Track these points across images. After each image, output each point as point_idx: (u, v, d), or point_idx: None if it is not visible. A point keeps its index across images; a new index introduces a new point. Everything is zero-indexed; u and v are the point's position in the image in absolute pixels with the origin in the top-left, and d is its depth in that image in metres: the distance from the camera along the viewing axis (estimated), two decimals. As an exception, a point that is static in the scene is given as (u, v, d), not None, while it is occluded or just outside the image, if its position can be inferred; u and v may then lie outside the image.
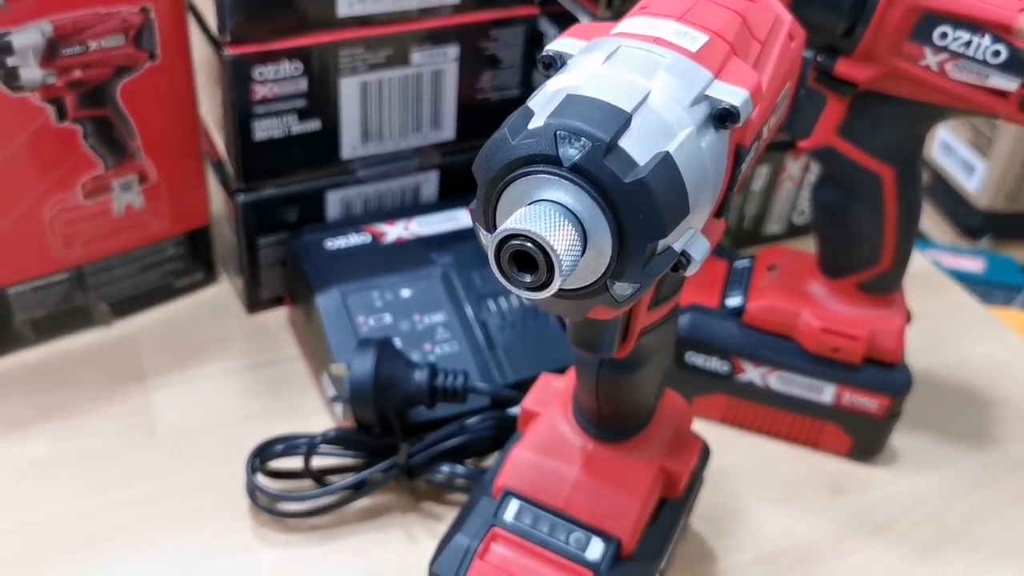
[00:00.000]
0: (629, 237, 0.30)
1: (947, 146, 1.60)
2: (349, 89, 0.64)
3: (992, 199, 1.52)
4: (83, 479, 0.57)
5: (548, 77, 0.34)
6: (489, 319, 0.62)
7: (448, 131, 0.70)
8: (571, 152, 0.30)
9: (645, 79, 0.32)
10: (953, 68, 0.50)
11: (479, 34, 0.67)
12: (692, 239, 0.33)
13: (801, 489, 0.61)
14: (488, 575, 0.46)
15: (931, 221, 1.63)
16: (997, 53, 0.49)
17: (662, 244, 0.31)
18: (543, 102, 0.32)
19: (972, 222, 1.55)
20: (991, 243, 1.54)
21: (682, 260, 0.33)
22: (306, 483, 0.56)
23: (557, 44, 0.35)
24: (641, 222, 0.30)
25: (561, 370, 0.54)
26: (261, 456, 0.55)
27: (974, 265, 1.43)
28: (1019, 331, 0.80)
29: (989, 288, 1.41)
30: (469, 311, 0.62)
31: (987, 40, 0.49)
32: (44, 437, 0.59)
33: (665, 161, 0.30)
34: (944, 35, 0.49)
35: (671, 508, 0.50)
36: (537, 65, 0.35)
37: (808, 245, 0.62)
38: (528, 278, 0.30)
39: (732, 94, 0.33)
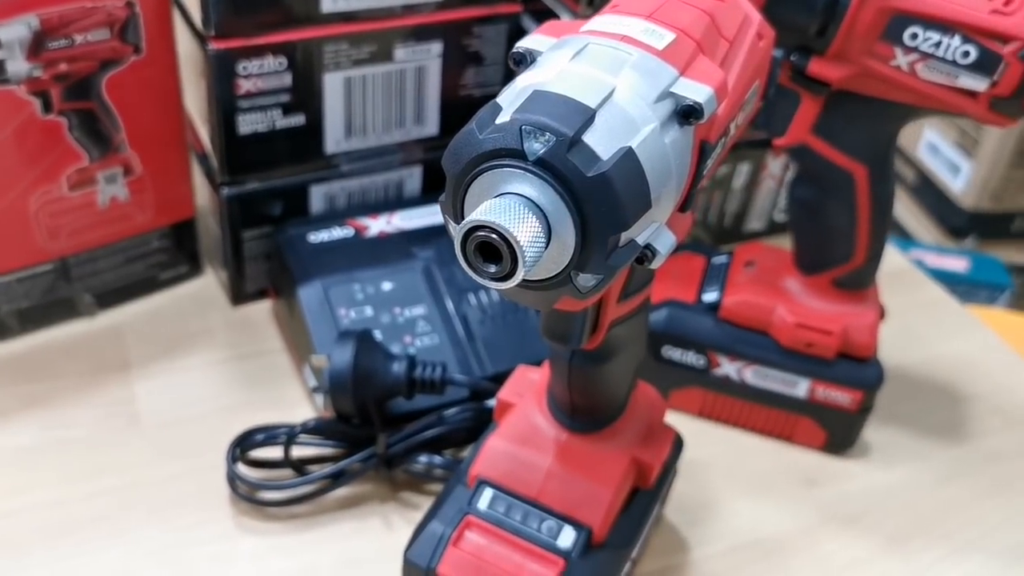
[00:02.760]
0: (591, 229, 0.31)
1: (933, 146, 1.61)
2: (333, 84, 0.64)
3: (977, 199, 1.53)
4: (66, 467, 0.58)
5: (518, 73, 0.35)
6: (469, 312, 0.63)
7: (431, 127, 0.70)
8: (536, 146, 0.31)
9: (611, 76, 0.33)
10: (923, 68, 0.51)
11: (462, 31, 0.67)
12: (656, 232, 0.34)
13: (775, 481, 0.62)
14: (462, 562, 0.46)
15: (916, 221, 1.64)
16: (967, 54, 0.50)
17: (625, 237, 0.32)
18: (511, 98, 0.33)
19: (957, 222, 1.56)
20: (976, 243, 1.55)
21: (647, 253, 0.34)
22: (286, 472, 0.57)
23: (527, 41, 0.36)
24: (603, 215, 0.31)
25: (539, 363, 0.55)
26: (241, 446, 0.56)
27: (958, 265, 1.44)
28: (1001, 330, 0.81)
29: (973, 287, 1.42)
30: (449, 304, 0.63)
31: (956, 41, 0.50)
32: (28, 426, 0.60)
33: (628, 156, 0.31)
34: (915, 36, 0.50)
35: (643, 498, 0.51)
36: (508, 62, 0.36)
37: (788, 243, 0.63)
38: (493, 268, 0.31)
39: (696, 91, 0.34)
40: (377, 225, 0.67)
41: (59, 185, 0.62)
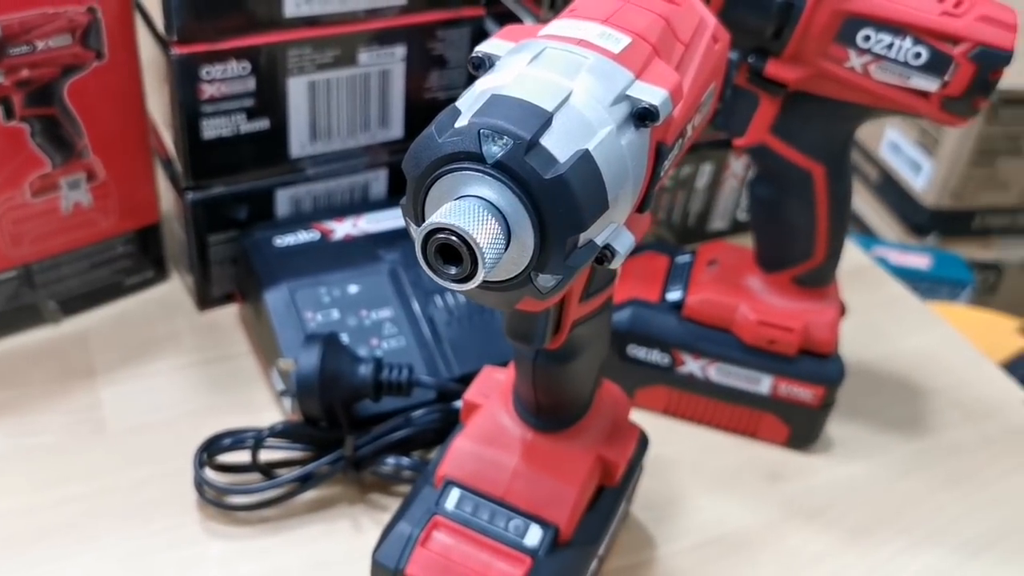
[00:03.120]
0: (550, 230, 0.32)
1: (895, 145, 1.63)
2: (297, 89, 0.65)
3: (938, 197, 1.55)
4: (33, 475, 0.58)
5: (477, 77, 0.36)
6: (436, 314, 0.63)
7: (396, 130, 0.71)
8: (494, 150, 0.31)
9: (568, 79, 0.34)
10: (876, 69, 0.52)
11: (426, 35, 0.68)
12: (615, 233, 0.35)
13: (740, 477, 0.62)
14: (429, 562, 0.47)
15: (879, 218, 1.66)
16: (918, 55, 0.51)
17: (583, 237, 0.33)
18: (470, 102, 0.33)
19: (919, 220, 1.58)
20: (938, 240, 1.57)
21: (606, 253, 0.35)
22: (254, 476, 0.57)
23: (486, 46, 0.37)
24: (561, 216, 0.32)
25: (505, 363, 0.55)
26: (209, 450, 0.56)
27: (921, 262, 1.46)
28: (963, 326, 0.83)
29: (935, 284, 1.44)
30: (416, 307, 0.64)
31: (908, 42, 0.51)
32: (-7, 434, 0.60)
33: (584, 158, 0.32)
34: (867, 38, 0.51)
35: (609, 495, 0.51)
36: (467, 66, 0.37)
37: (751, 241, 0.64)
38: (453, 270, 0.31)
39: (652, 94, 0.35)
40: (343, 228, 0.68)
41: (22, 191, 0.61)
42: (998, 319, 1.30)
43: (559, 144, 0.32)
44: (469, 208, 0.31)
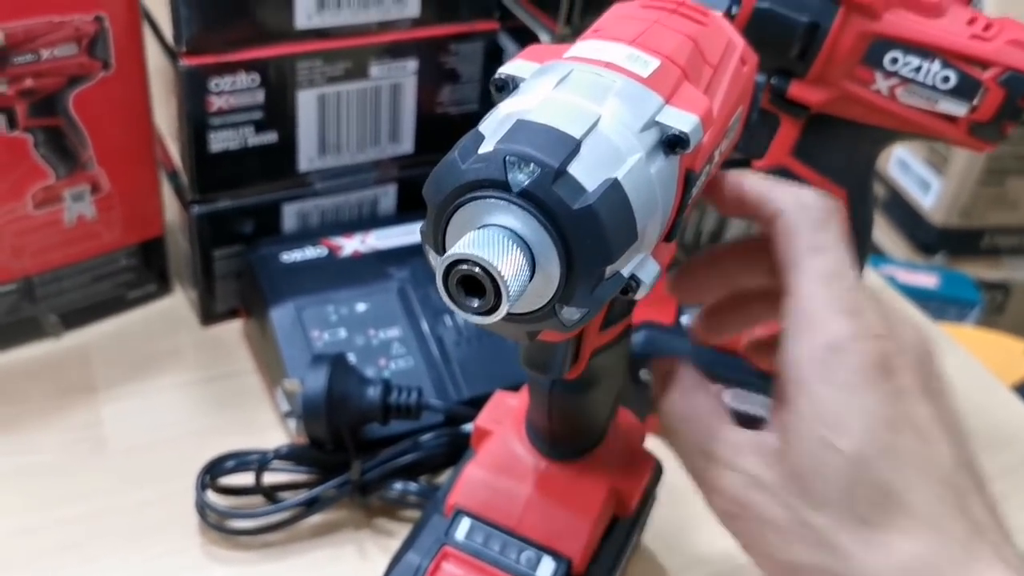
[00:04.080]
0: (577, 263, 0.30)
1: (903, 163, 1.62)
2: (306, 102, 0.63)
3: (947, 216, 1.54)
4: (31, 494, 0.56)
5: (500, 100, 0.34)
6: (445, 334, 0.62)
7: (407, 144, 0.70)
8: (520, 178, 0.30)
9: (596, 104, 0.32)
10: (903, 93, 0.51)
11: (439, 48, 0.67)
12: (641, 263, 0.33)
13: (753, 506, 0.61)
14: (439, 594, 0.46)
15: (887, 237, 1.65)
16: (946, 79, 0.50)
17: (610, 269, 0.31)
18: (494, 126, 0.32)
19: (927, 238, 1.57)
20: (946, 259, 1.56)
21: (631, 284, 0.33)
22: (257, 500, 0.56)
23: (509, 67, 0.35)
24: (589, 248, 0.30)
25: (517, 386, 0.54)
26: (212, 472, 0.55)
27: (928, 281, 1.45)
28: (972, 348, 0.81)
29: (943, 304, 1.43)
30: (425, 326, 0.62)
31: (936, 66, 0.50)
32: (-9, 451, 0.58)
33: (614, 187, 0.31)
34: (895, 60, 0.50)
35: (623, 526, 0.50)
36: (490, 87, 0.35)
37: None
38: (476, 303, 0.30)
39: (682, 120, 0.33)
40: (351, 244, 0.66)
41: (24, 203, 0.60)
42: (1005, 340, 1.29)
43: (587, 172, 0.30)
44: (493, 238, 0.29)
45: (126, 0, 0.58)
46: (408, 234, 0.68)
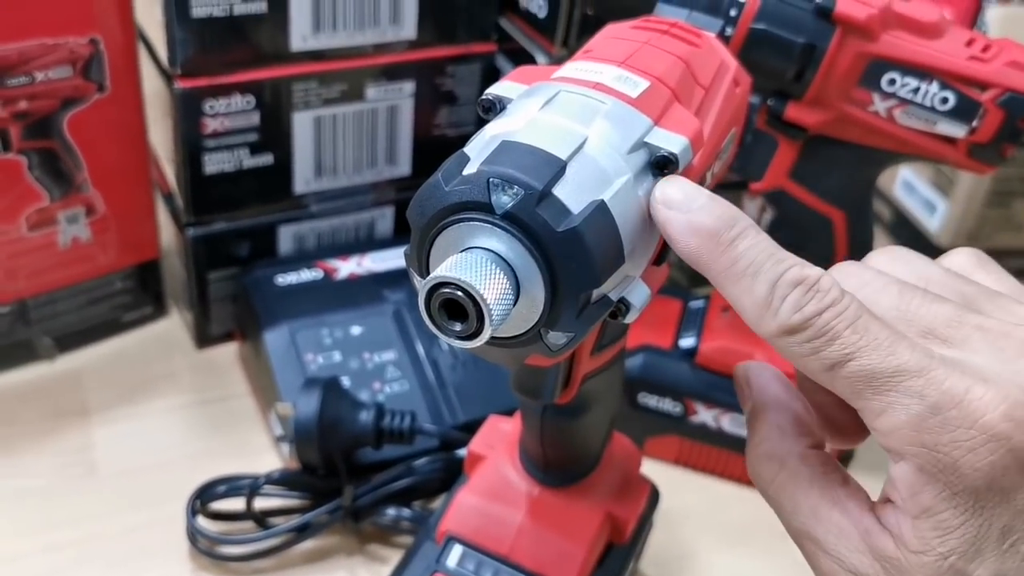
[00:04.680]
0: (562, 286, 0.30)
1: (909, 185, 1.61)
2: (302, 124, 0.63)
3: (953, 238, 1.53)
4: (20, 519, 0.56)
5: (487, 121, 0.34)
6: (440, 358, 0.61)
7: (404, 167, 0.69)
8: (504, 200, 0.29)
9: (583, 125, 0.32)
10: (901, 114, 0.50)
11: (436, 70, 0.66)
12: (631, 286, 0.33)
13: (752, 532, 0.60)
14: (429, 623, 0.45)
15: (893, 258, 1.64)
16: (945, 100, 0.49)
17: (597, 293, 0.31)
18: (479, 148, 0.31)
19: (933, 260, 1.56)
20: (952, 281, 1.55)
21: (620, 307, 0.33)
22: (248, 525, 0.55)
23: (497, 88, 0.35)
24: (574, 271, 0.30)
25: (512, 411, 0.53)
26: (202, 497, 0.54)
27: (935, 303, 1.44)
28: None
29: (949, 326, 1.42)
30: (420, 349, 0.62)
31: (935, 87, 0.49)
32: (-20, 475, 0.58)
33: (600, 209, 0.30)
34: (892, 81, 0.50)
35: (618, 554, 0.49)
36: (477, 108, 0.35)
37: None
38: (458, 327, 0.29)
39: (671, 141, 0.33)
40: (347, 267, 0.66)
41: (18, 225, 0.60)
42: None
43: (573, 194, 0.30)
44: (476, 261, 0.29)
45: (121, 22, 0.58)
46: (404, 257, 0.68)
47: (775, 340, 0.31)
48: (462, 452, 0.56)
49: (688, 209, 0.32)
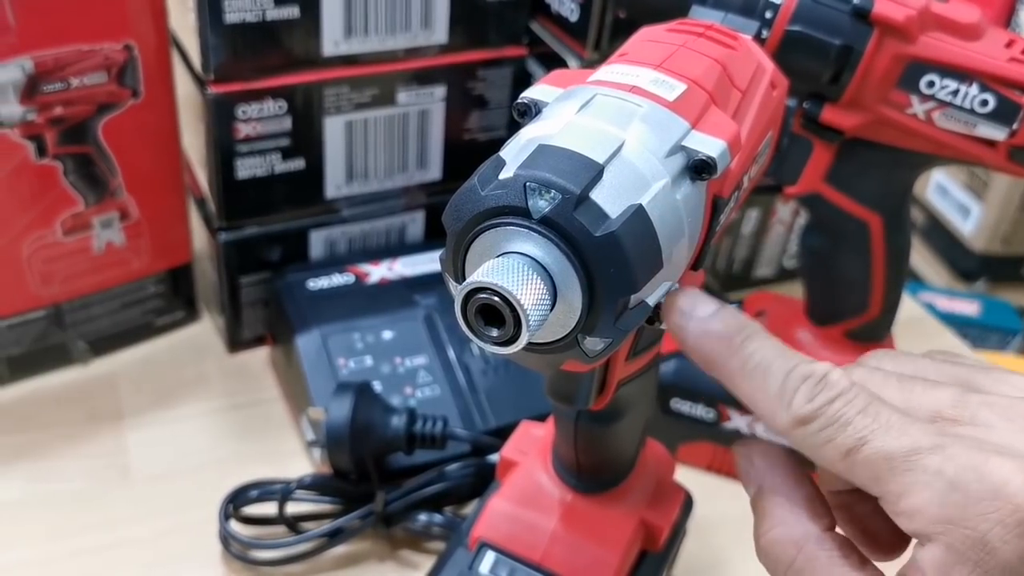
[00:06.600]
0: (600, 292, 0.29)
1: (942, 188, 1.60)
2: (334, 128, 0.63)
3: (988, 242, 1.52)
4: (53, 522, 0.56)
5: (523, 125, 0.34)
6: (472, 363, 0.61)
7: (435, 171, 0.69)
8: (541, 204, 0.29)
9: (620, 129, 0.32)
10: (940, 117, 0.49)
11: (467, 74, 0.66)
12: (668, 292, 0.32)
13: (788, 540, 0.59)
14: (462, 630, 0.44)
15: (926, 264, 1.63)
16: (985, 102, 0.48)
17: (635, 298, 0.30)
18: (515, 151, 0.31)
19: (967, 265, 1.54)
20: (987, 286, 1.53)
21: (658, 313, 0.32)
22: (280, 530, 0.55)
23: (532, 91, 0.35)
24: (612, 277, 0.29)
25: (543, 416, 0.53)
26: (235, 502, 0.54)
27: (969, 308, 1.42)
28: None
29: (984, 332, 1.40)
30: (452, 354, 0.61)
31: (975, 89, 0.48)
32: (15, 479, 0.58)
33: (638, 214, 0.30)
34: (931, 84, 0.49)
35: (652, 561, 0.48)
36: (512, 112, 0.35)
37: (798, 289, 0.61)
38: (495, 332, 0.29)
39: (709, 145, 0.32)
40: (378, 272, 0.66)
41: (53, 230, 0.60)
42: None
43: (610, 199, 0.29)
44: (513, 266, 0.29)
45: (155, 28, 0.58)
46: (435, 261, 0.68)
47: (790, 433, 0.32)
48: (494, 457, 0.56)
49: (701, 317, 0.33)
